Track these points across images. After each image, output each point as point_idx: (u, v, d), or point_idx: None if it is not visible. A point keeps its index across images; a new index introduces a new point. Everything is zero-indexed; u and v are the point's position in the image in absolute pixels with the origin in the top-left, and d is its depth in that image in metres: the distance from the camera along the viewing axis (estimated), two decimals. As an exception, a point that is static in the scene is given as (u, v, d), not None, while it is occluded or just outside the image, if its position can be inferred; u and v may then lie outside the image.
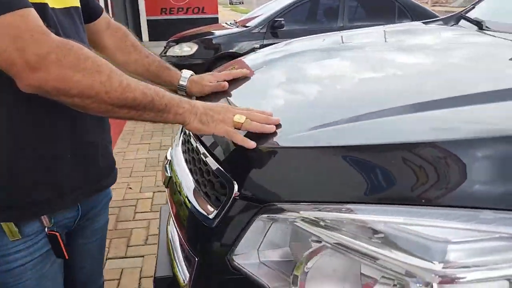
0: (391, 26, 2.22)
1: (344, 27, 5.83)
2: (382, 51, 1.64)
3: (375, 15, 6.00)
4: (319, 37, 2.11)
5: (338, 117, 0.93)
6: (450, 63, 1.34)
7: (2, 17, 0.73)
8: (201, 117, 0.92)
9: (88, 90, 0.80)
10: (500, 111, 0.86)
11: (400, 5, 5.99)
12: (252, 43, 5.73)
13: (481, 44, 1.58)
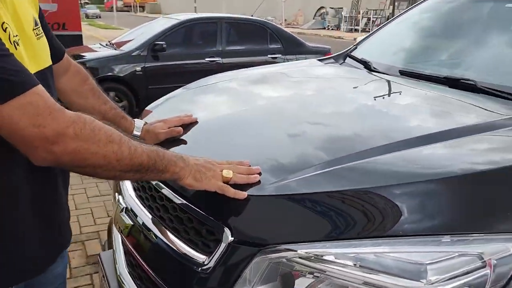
0: (296, 66, 2.46)
1: (222, 50, 6.12)
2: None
3: (250, 40, 6.45)
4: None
5: (306, 165, 1.09)
6: (370, 110, 1.59)
7: (20, 97, 0.75)
8: (195, 174, 1.00)
9: (102, 160, 0.83)
10: (429, 156, 1.12)
11: (271, 32, 6.53)
12: (132, 66, 5.64)
13: (381, 90, 1.91)
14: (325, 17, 31.62)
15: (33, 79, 0.79)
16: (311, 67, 2.33)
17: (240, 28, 6.50)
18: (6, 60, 0.76)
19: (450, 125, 1.31)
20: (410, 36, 2.36)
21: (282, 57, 6.46)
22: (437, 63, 2.04)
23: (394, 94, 1.78)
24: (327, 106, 1.64)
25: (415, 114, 1.53)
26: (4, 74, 0.74)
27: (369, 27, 27.68)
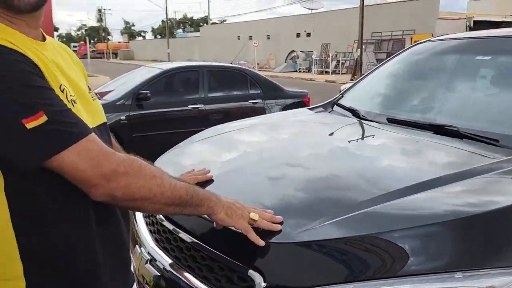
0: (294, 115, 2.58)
1: (204, 97, 6.30)
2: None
3: (231, 86, 6.66)
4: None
5: (321, 215, 1.20)
6: (369, 160, 1.74)
7: (78, 144, 0.87)
8: (227, 210, 1.10)
9: (148, 193, 0.95)
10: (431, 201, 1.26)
11: (251, 78, 6.78)
12: (116, 115, 5.71)
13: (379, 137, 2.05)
14: (296, 60, 32.70)
15: (87, 129, 0.91)
16: (306, 117, 2.49)
17: (221, 75, 6.72)
18: (65, 114, 0.88)
19: (444, 171, 1.46)
20: (394, 84, 2.58)
21: (262, 102, 6.69)
22: (421, 110, 2.24)
23: (387, 142, 1.93)
24: (329, 157, 1.78)
25: (410, 161, 1.68)
26: (64, 126, 0.87)
27: (339, 69, 28.80)
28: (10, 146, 0.83)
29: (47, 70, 0.92)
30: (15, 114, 0.82)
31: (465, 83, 2.21)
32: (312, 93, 7.80)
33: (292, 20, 36.20)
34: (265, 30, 38.56)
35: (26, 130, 0.82)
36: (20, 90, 0.83)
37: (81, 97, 1.03)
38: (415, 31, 24.91)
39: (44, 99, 0.85)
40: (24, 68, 0.85)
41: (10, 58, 0.85)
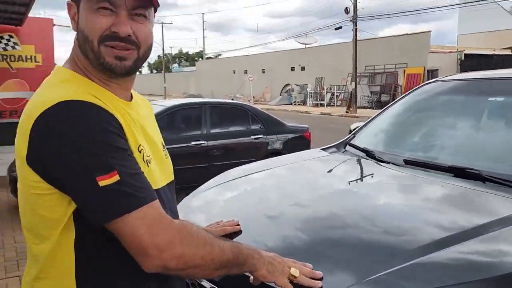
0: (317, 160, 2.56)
1: (207, 133, 6.31)
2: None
3: (233, 122, 6.70)
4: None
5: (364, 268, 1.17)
6: (397, 205, 1.73)
7: (141, 209, 0.88)
8: (268, 267, 1.08)
9: (200, 260, 0.93)
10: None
11: (252, 114, 6.83)
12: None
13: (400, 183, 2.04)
14: (291, 94, 33.11)
15: (153, 195, 0.92)
16: (322, 160, 2.46)
17: (223, 112, 6.77)
18: (136, 178, 0.91)
19: (482, 219, 1.44)
20: (407, 124, 2.59)
21: (264, 137, 6.71)
22: (438, 152, 2.23)
23: (411, 187, 1.91)
24: (359, 203, 1.75)
25: (441, 207, 1.65)
26: (133, 189, 0.88)
27: (334, 101, 29.15)
28: (81, 199, 0.88)
29: (129, 131, 0.97)
30: (92, 169, 0.85)
31: (481, 124, 2.23)
32: (309, 126, 7.85)
33: (286, 55, 36.88)
34: (260, 64, 39.20)
35: (98, 187, 0.85)
36: (101, 148, 0.87)
37: (156, 156, 1.08)
38: (407, 64, 25.42)
39: (120, 159, 0.89)
40: (108, 127, 0.90)
41: (98, 116, 0.89)
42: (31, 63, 10.61)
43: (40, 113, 0.87)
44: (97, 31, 0.95)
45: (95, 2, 0.94)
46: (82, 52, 0.99)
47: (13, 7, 8.13)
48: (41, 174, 0.89)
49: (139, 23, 0.98)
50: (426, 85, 2.75)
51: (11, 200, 6.02)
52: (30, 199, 0.93)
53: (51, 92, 0.92)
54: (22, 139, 0.90)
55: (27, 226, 0.98)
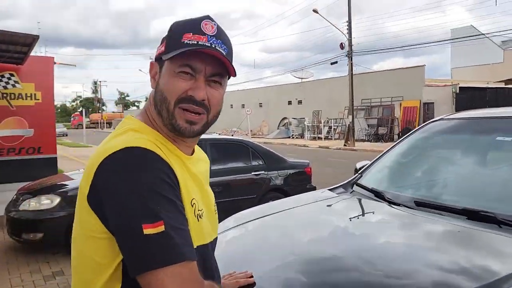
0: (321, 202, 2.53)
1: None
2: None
3: (234, 159, 6.66)
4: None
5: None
6: (414, 249, 1.68)
7: (175, 266, 0.86)
8: None
9: None
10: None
11: (252, 150, 6.81)
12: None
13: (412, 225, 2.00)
14: (289, 127, 33.33)
15: (192, 254, 0.91)
16: (332, 202, 2.42)
17: (223, 148, 6.73)
18: (180, 233, 0.90)
19: (499, 266, 1.40)
20: (415, 164, 2.56)
21: (265, 174, 6.66)
22: (449, 193, 2.19)
23: (427, 231, 1.86)
24: (378, 249, 1.69)
25: (463, 254, 1.60)
26: (173, 243, 0.88)
27: (331, 134, 29.32)
28: (123, 242, 0.89)
29: (184, 184, 0.99)
30: (140, 215, 0.87)
31: (490, 163, 2.20)
32: (308, 159, 7.83)
33: (283, 88, 37.39)
34: (257, 98, 39.66)
35: (142, 234, 0.86)
36: (153, 196, 0.89)
37: (208, 210, 1.11)
38: (403, 97, 25.76)
39: (168, 211, 0.89)
40: (164, 177, 0.92)
41: (157, 165, 0.93)
42: (30, 100, 10.64)
43: (106, 156, 0.92)
44: (176, 92, 1.01)
45: (178, 66, 1.01)
46: (157, 110, 1.05)
47: (15, 47, 8.25)
48: (97, 214, 0.92)
49: (214, 89, 1.04)
50: (432, 123, 2.74)
51: (7, 241, 5.89)
52: (83, 240, 0.96)
53: (119, 139, 0.97)
54: (86, 179, 0.95)
55: (76, 269, 1.00)
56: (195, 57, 1.00)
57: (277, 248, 1.84)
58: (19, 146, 10.56)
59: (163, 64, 1.04)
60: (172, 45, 1.02)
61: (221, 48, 1.02)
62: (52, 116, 11.32)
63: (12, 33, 7.58)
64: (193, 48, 0.99)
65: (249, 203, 6.48)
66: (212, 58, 1.01)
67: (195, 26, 1.02)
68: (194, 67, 1.00)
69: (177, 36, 1.02)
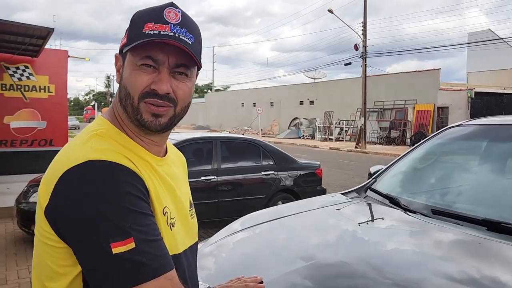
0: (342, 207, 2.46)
1: (217, 169, 6.23)
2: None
3: (244, 157, 6.61)
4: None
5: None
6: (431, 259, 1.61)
7: (153, 282, 0.81)
8: None
9: None
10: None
11: (263, 149, 6.75)
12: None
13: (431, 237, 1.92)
14: (300, 127, 33.19)
15: (169, 264, 0.86)
16: (345, 207, 2.35)
17: (234, 147, 6.69)
18: (153, 246, 0.85)
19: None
20: (433, 170, 2.48)
21: (275, 174, 6.60)
22: (469, 201, 2.11)
23: (445, 242, 1.79)
24: (395, 259, 1.64)
25: (475, 267, 1.53)
26: (146, 258, 0.82)
27: (342, 136, 29.13)
28: (89, 265, 0.83)
29: (155, 193, 0.94)
30: (106, 234, 0.81)
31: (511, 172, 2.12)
32: (318, 160, 7.76)
33: (295, 88, 37.24)
34: (268, 97, 39.56)
35: (110, 254, 0.80)
36: (120, 212, 0.83)
37: (182, 217, 1.04)
38: (417, 100, 25.47)
39: (138, 225, 0.84)
40: (131, 191, 0.86)
41: (122, 178, 0.86)
42: (44, 93, 10.75)
43: (67, 169, 0.86)
44: (138, 88, 0.95)
45: (139, 59, 0.95)
46: (122, 106, 0.99)
47: (30, 40, 8.31)
48: (54, 229, 0.86)
49: (179, 81, 0.98)
50: (450, 129, 2.66)
51: (17, 232, 5.92)
52: (40, 246, 0.91)
53: (83, 149, 0.90)
54: (45, 190, 0.89)
55: (35, 273, 0.95)
56: (156, 48, 0.93)
57: (285, 252, 1.79)
58: (31, 138, 10.68)
59: (126, 56, 0.98)
60: (133, 36, 0.95)
61: (186, 37, 0.95)
62: (65, 109, 11.44)
63: (28, 26, 7.63)
64: (151, 38, 0.92)
65: (258, 203, 6.46)
66: (175, 48, 0.94)
67: (157, 15, 0.95)
68: (155, 58, 0.94)
69: (139, 26, 0.95)
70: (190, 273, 1.05)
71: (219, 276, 1.58)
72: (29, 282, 4.27)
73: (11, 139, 10.37)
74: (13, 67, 10.24)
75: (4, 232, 6.08)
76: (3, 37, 8.39)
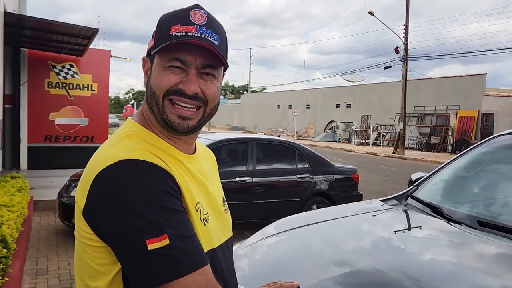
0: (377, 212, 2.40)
1: (252, 170, 6.22)
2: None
3: (279, 160, 6.57)
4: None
5: None
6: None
7: (188, 277, 0.82)
8: None
9: None
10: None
11: (299, 152, 6.69)
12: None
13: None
14: (336, 131, 32.76)
15: (203, 260, 0.87)
16: (384, 213, 2.28)
17: (270, 149, 6.66)
18: (187, 241, 0.86)
19: None
20: (479, 179, 2.36)
21: (310, 177, 6.52)
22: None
23: (491, 256, 1.70)
24: (426, 264, 1.56)
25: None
26: (180, 254, 0.84)
27: (380, 141, 28.51)
28: (127, 261, 0.85)
29: (187, 189, 0.94)
30: (141, 231, 0.82)
31: None
32: (354, 165, 7.61)
33: (332, 91, 36.83)
34: (304, 99, 39.32)
35: (146, 251, 0.82)
36: (154, 210, 0.84)
37: (215, 212, 1.05)
38: (460, 106, 24.58)
39: (172, 221, 0.85)
40: (164, 188, 0.87)
41: (155, 176, 0.88)
42: (87, 91, 11.12)
43: (100, 170, 0.88)
44: (164, 86, 0.95)
45: (167, 61, 0.95)
46: (149, 106, 1.00)
47: (76, 39, 8.61)
48: (93, 228, 0.89)
49: (207, 81, 0.98)
50: (499, 137, 2.52)
51: (58, 225, 6.14)
52: (80, 247, 0.93)
53: (114, 149, 0.93)
54: (82, 191, 0.91)
55: (77, 273, 0.97)
56: (184, 50, 0.94)
57: (320, 257, 1.76)
58: (74, 134, 11.06)
59: (153, 59, 0.99)
60: (160, 39, 0.96)
61: (212, 38, 0.96)
62: (106, 107, 11.80)
63: (74, 26, 7.91)
64: (179, 40, 0.93)
65: (292, 206, 6.40)
66: (202, 49, 0.95)
67: (183, 17, 0.96)
68: (183, 60, 0.95)
69: (165, 28, 0.96)
70: (228, 267, 1.06)
71: (253, 278, 1.56)
72: (68, 273, 4.41)
73: (55, 134, 10.80)
74: (59, 66, 10.66)
75: (46, 224, 6.32)
76: (51, 37, 8.75)
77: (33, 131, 10.49)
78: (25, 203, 5.12)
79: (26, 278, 4.24)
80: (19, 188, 5.77)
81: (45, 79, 10.56)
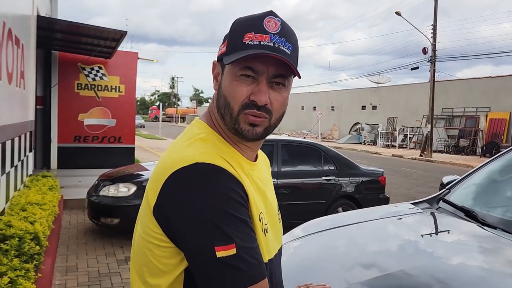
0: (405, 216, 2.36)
1: (278, 171, 6.20)
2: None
3: (305, 161, 6.53)
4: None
5: None
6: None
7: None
8: None
9: None
10: None
11: (324, 154, 6.63)
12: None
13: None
14: (361, 133, 32.36)
15: (263, 273, 0.87)
16: (416, 217, 2.24)
17: (295, 150, 6.62)
18: (251, 253, 0.86)
19: None
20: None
21: (336, 180, 6.46)
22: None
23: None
24: (460, 269, 1.52)
25: None
26: (245, 265, 0.84)
27: (406, 143, 28.00)
28: (195, 265, 0.86)
29: (253, 198, 0.95)
30: (211, 237, 0.83)
31: None
32: (380, 167, 7.49)
33: (357, 93, 36.40)
34: (329, 101, 39.01)
35: (215, 258, 0.83)
36: (225, 217, 0.85)
37: (272, 221, 1.05)
38: (490, 108, 23.91)
39: (240, 231, 0.86)
40: (235, 196, 0.88)
41: (227, 183, 0.89)
42: (115, 93, 11.36)
43: (175, 170, 0.89)
44: (238, 99, 0.96)
45: (239, 69, 0.96)
46: (220, 114, 1.01)
47: (105, 42, 8.80)
48: (162, 226, 0.90)
49: (277, 91, 0.98)
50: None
51: (87, 223, 6.28)
52: (144, 244, 0.94)
53: (188, 151, 0.93)
54: (153, 189, 0.92)
55: (135, 268, 0.98)
56: (256, 59, 0.94)
57: (347, 260, 1.74)
58: (102, 135, 11.31)
59: (225, 65, 0.99)
60: (233, 46, 0.97)
61: (285, 47, 0.96)
62: (133, 109, 12.02)
63: (103, 29, 8.08)
64: (252, 52, 0.92)
65: (318, 208, 6.35)
66: (275, 59, 0.94)
67: (257, 24, 0.95)
68: (256, 69, 0.95)
69: (239, 35, 0.96)
70: (279, 275, 1.07)
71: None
72: (97, 271, 4.50)
73: (84, 135, 11.06)
74: (88, 68, 10.92)
75: (76, 222, 6.47)
76: (81, 39, 8.97)
77: (63, 132, 10.78)
78: (56, 202, 5.25)
79: (57, 275, 4.34)
80: (50, 187, 5.93)
81: (75, 80, 10.84)
